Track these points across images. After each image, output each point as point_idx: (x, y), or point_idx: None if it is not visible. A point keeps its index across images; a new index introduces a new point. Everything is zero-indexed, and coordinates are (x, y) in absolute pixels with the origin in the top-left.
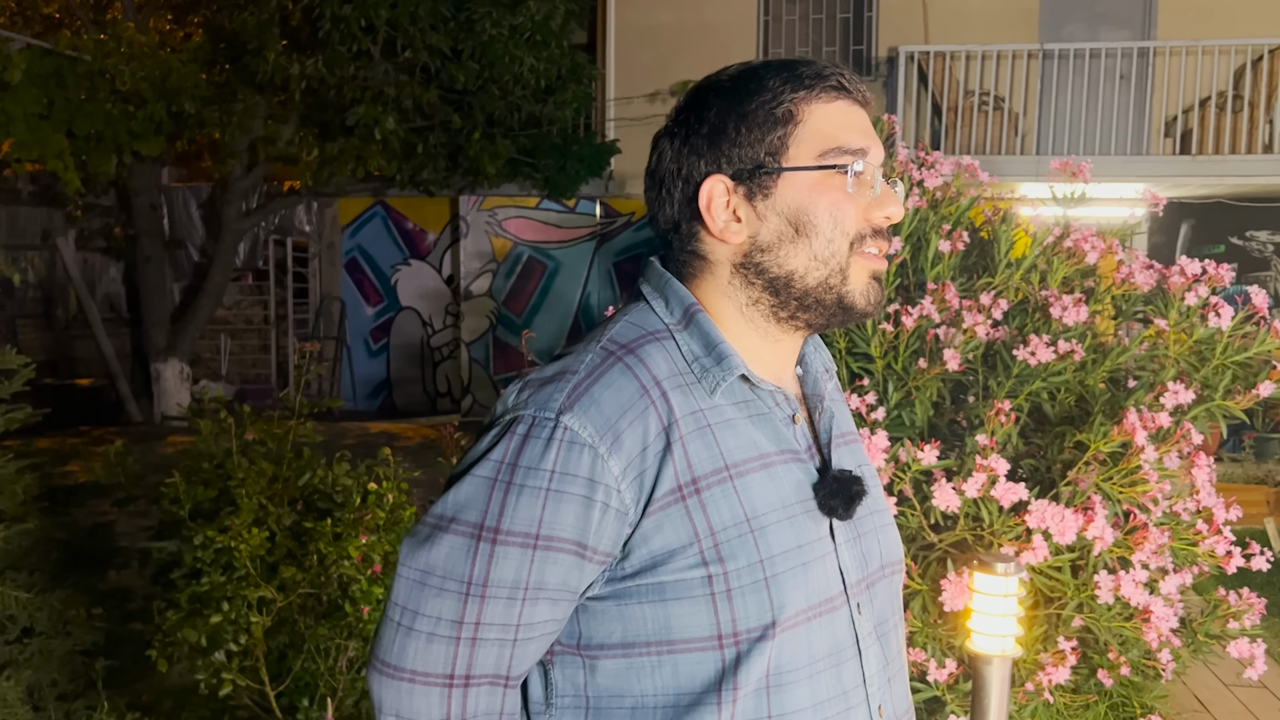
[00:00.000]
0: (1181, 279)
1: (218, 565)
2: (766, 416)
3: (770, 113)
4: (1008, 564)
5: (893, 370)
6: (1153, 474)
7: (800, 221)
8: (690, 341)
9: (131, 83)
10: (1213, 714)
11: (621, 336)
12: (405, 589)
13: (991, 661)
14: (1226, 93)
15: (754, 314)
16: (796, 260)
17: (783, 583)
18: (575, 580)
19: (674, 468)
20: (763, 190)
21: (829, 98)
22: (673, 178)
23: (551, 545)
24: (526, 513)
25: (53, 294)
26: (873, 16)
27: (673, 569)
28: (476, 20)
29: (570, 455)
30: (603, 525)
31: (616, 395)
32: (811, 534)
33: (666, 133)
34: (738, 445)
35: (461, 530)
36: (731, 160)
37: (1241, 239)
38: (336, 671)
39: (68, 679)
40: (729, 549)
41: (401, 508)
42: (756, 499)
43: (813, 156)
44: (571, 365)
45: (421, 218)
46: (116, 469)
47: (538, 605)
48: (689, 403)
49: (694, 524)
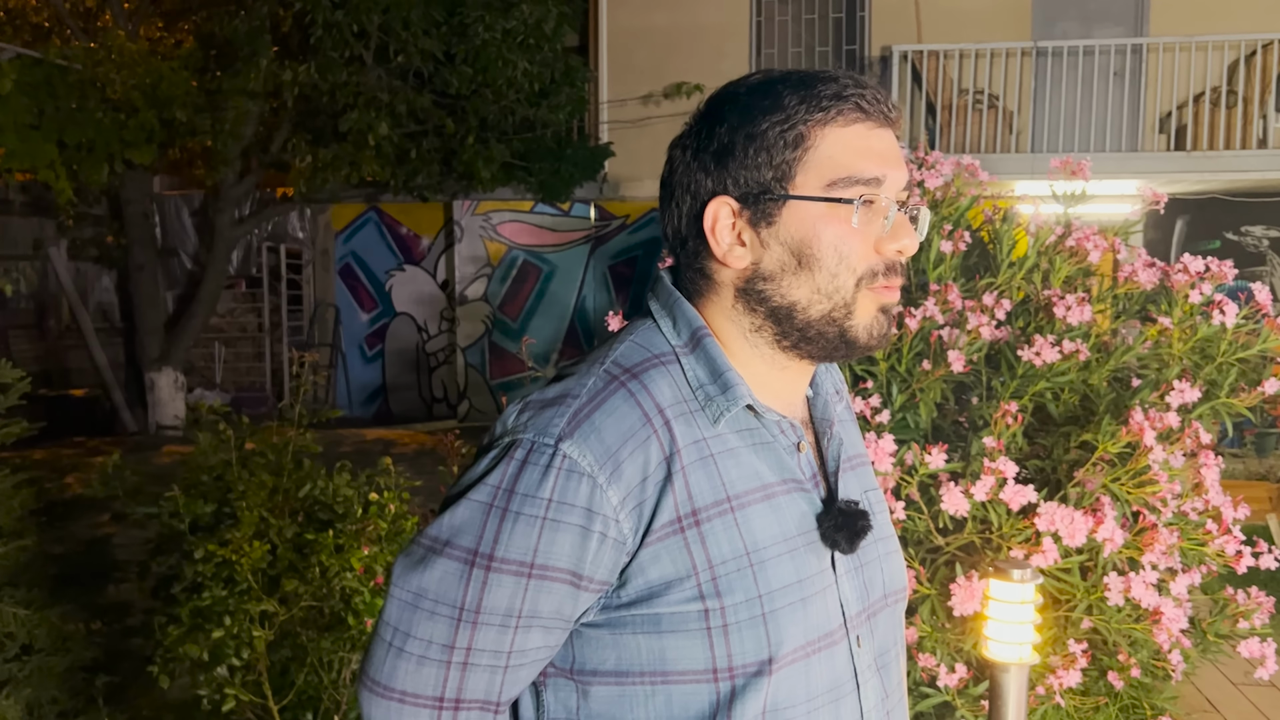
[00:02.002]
0: (1185, 276)
1: (219, 579)
2: (770, 445)
3: (781, 135)
4: (1024, 570)
5: (896, 372)
6: (1162, 474)
7: (804, 254)
8: (696, 367)
9: (122, 91)
10: (1222, 714)
11: (626, 359)
12: (397, 610)
13: (1009, 669)
14: (1220, 88)
15: (759, 340)
16: (799, 292)
17: (781, 619)
18: (570, 609)
19: (674, 499)
20: (767, 217)
21: (846, 121)
22: (681, 191)
23: (546, 574)
24: (522, 541)
25: (45, 304)
26: (865, 16)
27: (669, 601)
28: (469, 24)
29: (568, 484)
30: (599, 555)
31: (618, 423)
32: (812, 567)
33: (680, 142)
34: (740, 476)
35: (456, 555)
36: (738, 182)
37: (1237, 234)
38: (340, 685)
39: (68, 696)
40: (727, 583)
41: (404, 518)
42: (757, 532)
43: (820, 186)
44: (573, 389)
45: (415, 223)
46: (114, 482)
47: (530, 633)
48: (691, 432)
49: (692, 557)
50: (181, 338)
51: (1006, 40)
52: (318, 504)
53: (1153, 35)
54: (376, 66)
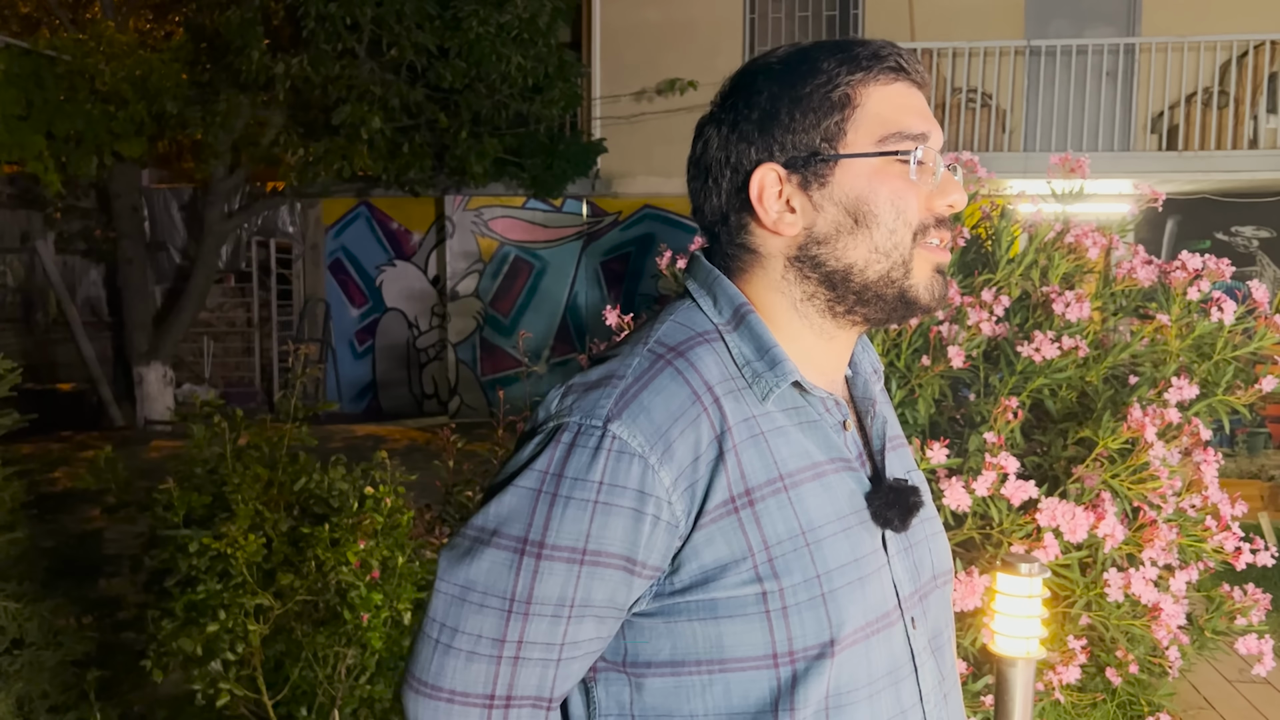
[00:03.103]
0: (1183, 273)
1: (214, 573)
2: (817, 424)
3: (826, 96)
4: (1031, 565)
5: (895, 368)
6: (1163, 470)
7: (860, 211)
8: (741, 344)
9: (112, 83)
10: (1219, 711)
11: (669, 338)
12: (444, 605)
13: (1016, 664)
14: (1212, 88)
15: (809, 309)
16: (856, 253)
17: (840, 599)
18: (623, 596)
19: (727, 478)
20: (819, 179)
21: (887, 79)
22: (720, 166)
23: (599, 560)
24: (573, 526)
25: (33, 297)
26: (859, 14)
27: (725, 585)
28: (463, 18)
29: (619, 466)
30: (653, 539)
31: (667, 402)
32: (866, 546)
33: (712, 119)
34: (791, 454)
35: (504, 544)
36: (785, 147)
37: (1227, 234)
38: (335, 680)
39: (59, 690)
40: (784, 564)
41: (399, 511)
42: (812, 510)
43: (872, 142)
44: (618, 369)
45: (406, 218)
46: (105, 475)
47: (583, 623)
48: (741, 409)
49: (748, 537)
50: (170, 332)
51: (999, 39)
52: (313, 498)
53: (1145, 35)
54: (369, 60)
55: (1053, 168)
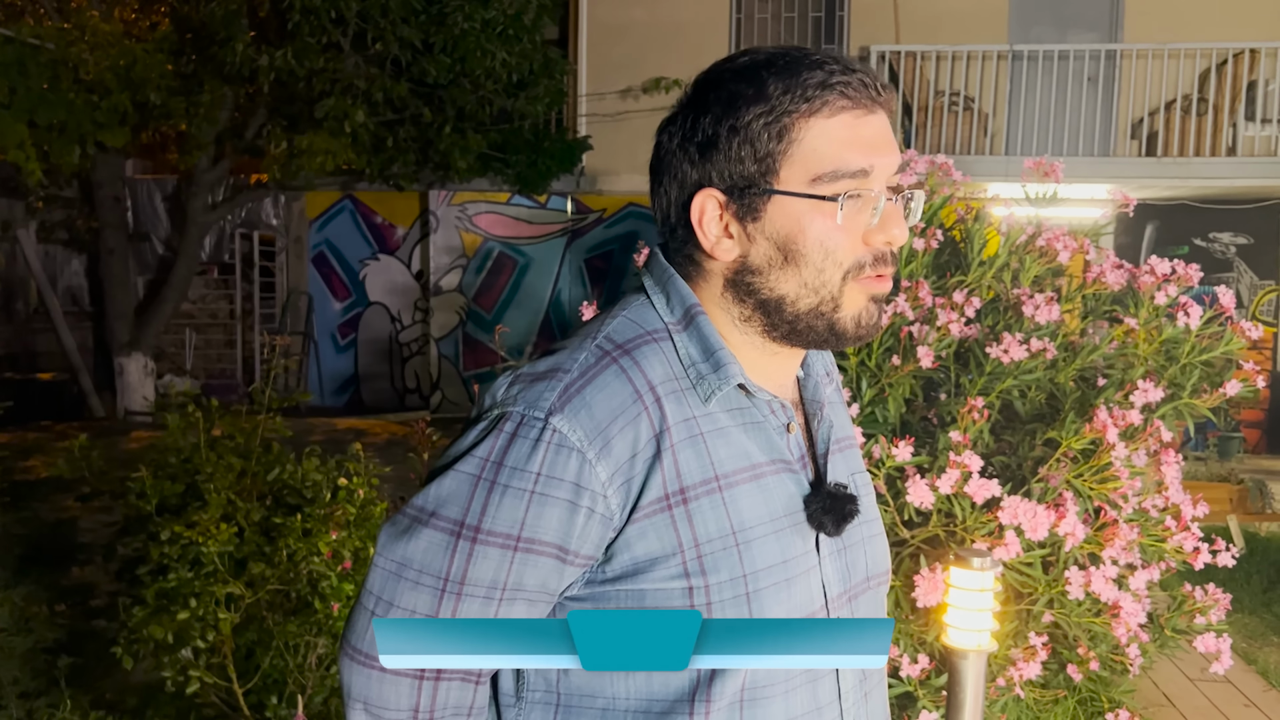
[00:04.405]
0: (1152, 278)
1: (185, 561)
2: (760, 425)
3: (766, 128)
4: (984, 559)
5: (866, 367)
6: (1124, 470)
7: (789, 250)
8: (689, 344)
9: (95, 72)
10: (1178, 708)
11: (618, 334)
12: (381, 579)
13: (967, 656)
14: (1192, 96)
15: (748, 329)
16: (787, 286)
17: (764, 598)
18: (554, 582)
19: (663, 476)
20: (752, 211)
21: (831, 111)
22: (669, 179)
23: (532, 548)
24: (509, 514)
25: (13, 287)
26: (844, 16)
27: (654, 578)
28: (448, 13)
29: (557, 458)
30: (586, 530)
31: (609, 399)
32: (797, 549)
33: (666, 127)
34: (729, 455)
35: (442, 526)
36: (723, 175)
37: (1205, 241)
38: (305, 669)
39: (30, 676)
40: (712, 561)
41: (372, 503)
42: (744, 511)
43: (805, 180)
44: (564, 363)
45: (390, 212)
46: (80, 464)
47: (514, 605)
48: (682, 410)
49: (679, 534)
50: (151, 323)
51: (983, 43)
52: (286, 488)
53: (1127, 42)
54: (354, 53)
55: (1027, 171)
